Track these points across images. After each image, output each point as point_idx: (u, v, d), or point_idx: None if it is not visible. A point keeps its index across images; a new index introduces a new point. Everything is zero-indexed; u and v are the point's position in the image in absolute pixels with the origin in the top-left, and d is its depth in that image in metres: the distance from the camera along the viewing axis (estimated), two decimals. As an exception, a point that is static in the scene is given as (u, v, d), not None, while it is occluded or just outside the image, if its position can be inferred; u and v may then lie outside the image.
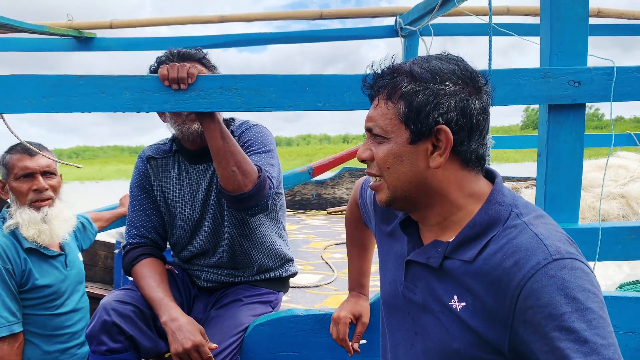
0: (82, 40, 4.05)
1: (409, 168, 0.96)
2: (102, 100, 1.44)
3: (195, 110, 1.50)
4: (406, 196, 0.99)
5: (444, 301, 0.96)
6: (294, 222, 4.19)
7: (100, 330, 1.62)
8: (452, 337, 0.94)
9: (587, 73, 1.50)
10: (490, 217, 0.94)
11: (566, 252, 0.84)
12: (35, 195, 2.02)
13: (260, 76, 1.48)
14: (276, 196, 2.02)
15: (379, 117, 0.98)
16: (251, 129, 1.90)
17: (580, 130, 1.56)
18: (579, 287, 0.80)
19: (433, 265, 0.98)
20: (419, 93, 0.93)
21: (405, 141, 0.95)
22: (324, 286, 2.57)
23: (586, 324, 0.78)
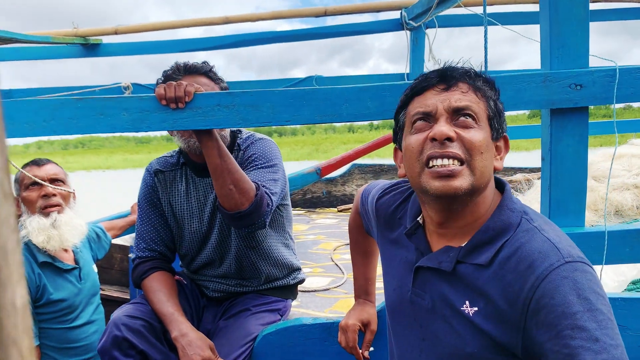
0: (89, 47, 4.08)
1: (491, 161, 0.99)
2: (101, 121, 1.46)
3: (193, 129, 1.51)
4: (481, 188, 0.97)
5: (456, 306, 0.98)
6: (304, 221, 4.20)
7: (112, 345, 1.65)
8: (464, 342, 0.96)
9: (589, 75, 1.47)
10: (503, 222, 0.97)
11: (577, 257, 0.88)
12: (43, 201, 2.05)
13: (257, 92, 1.48)
14: (282, 207, 2.02)
15: (473, 103, 0.98)
16: (256, 143, 1.90)
17: (583, 134, 1.53)
18: (590, 289, 0.83)
19: (446, 270, 1.00)
20: (498, 101, 1.03)
21: (490, 135, 0.99)
22: (334, 289, 2.58)
23: (597, 324, 0.81)
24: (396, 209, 1.21)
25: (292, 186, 3.36)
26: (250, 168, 1.82)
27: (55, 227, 2.03)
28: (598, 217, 3.09)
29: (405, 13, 4.04)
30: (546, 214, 1.61)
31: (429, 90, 1.01)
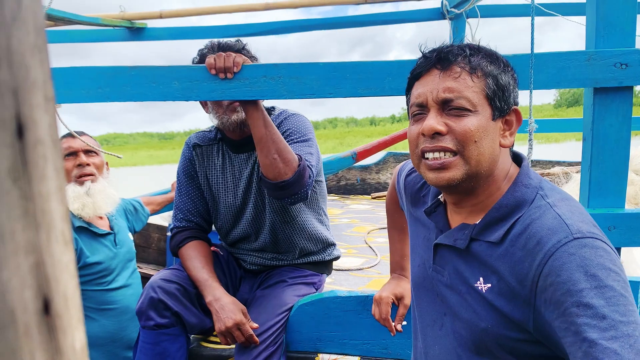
0: (134, 31, 4.19)
1: (490, 144, 0.96)
2: (153, 89, 1.52)
3: (240, 99, 1.56)
4: (481, 173, 0.97)
5: (470, 283, 0.98)
6: (338, 206, 4.24)
7: (148, 306, 1.73)
8: (479, 317, 0.96)
9: (635, 55, 1.47)
10: (516, 199, 0.96)
11: (588, 232, 0.85)
12: (78, 170, 2.15)
13: (302, 64, 1.52)
14: (316, 184, 2.06)
15: (465, 89, 0.96)
16: (290, 118, 1.95)
17: (627, 114, 1.52)
18: (599, 265, 0.80)
19: (460, 247, 1.00)
20: (502, 74, 0.98)
21: (489, 116, 0.96)
22: (367, 269, 2.61)
23: (605, 300, 0.77)
24: (421, 188, 1.23)
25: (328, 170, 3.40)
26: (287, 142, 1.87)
27: (89, 195, 2.12)
28: (638, 211, 3.04)
29: (446, 2, 4.03)
30: (585, 195, 1.61)
31: (426, 75, 1.00)
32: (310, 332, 1.86)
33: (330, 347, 1.86)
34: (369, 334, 1.83)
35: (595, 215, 1.56)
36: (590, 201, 1.59)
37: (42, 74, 0.29)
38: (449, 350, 1.05)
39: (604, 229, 1.56)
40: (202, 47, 1.85)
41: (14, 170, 0.26)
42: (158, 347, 1.77)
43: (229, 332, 1.67)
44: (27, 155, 0.27)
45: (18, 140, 0.27)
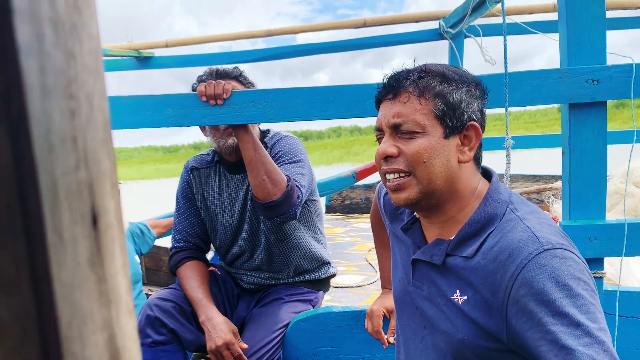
0: (142, 60, 4.34)
1: (443, 162, 1.00)
2: (148, 117, 1.62)
3: (230, 123, 1.64)
4: (437, 191, 1.01)
5: (447, 295, 1.01)
6: (342, 225, 4.29)
7: (145, 324, 1.80)
8: (456, 329, 0.99)
9: (605, 71, 1.52)
10: (487, 214, 1.00)
11: (557, 243, 0.89)
12: None
13: (288, 90, 1.60)
14: (310, 203, 2.13)
15: (412, 113, 1.00)
16: (282, 140, 2.03)
17: (602, 127, 1.57)
18: (569, 275, 0.84)
19: (436, 263, 1.04)
20: (454, 92, 1.00)
21: (441, 135, 1.00)
22: (366, 286, 2.66)
23: (577, 309, 0.81)
24: (398, 206, 1.29)
25: (329, 189, 3.46)
26: (278, 164, 1.94)
27: None
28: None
29: (443, 23, 4.11)
30: (566, 207, 1.65)
31: (383, 102, 1.07)
32: (306, 348, 1.91)
33: (326, 362, 1.91)
34: (364, 349, 1.87)
35: (576, 227, 1.60)
36: (571, 213, 1.63)
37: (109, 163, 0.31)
38: None
39: (584, 240, 1.60)
40: (201, 74, 1.95)
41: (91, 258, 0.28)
42: None
43: (219, 351, 1.73)
44: (100, 242, 0.29)
45: (93, 230, 0.29)
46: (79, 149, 0.28)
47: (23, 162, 0.24)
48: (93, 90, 0.29)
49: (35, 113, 0.24)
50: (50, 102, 0.25)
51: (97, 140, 0.29)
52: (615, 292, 1.64)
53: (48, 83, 0.25)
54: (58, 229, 0.25)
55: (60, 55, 0.26)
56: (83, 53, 0.28)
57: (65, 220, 0.26)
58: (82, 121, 0.28)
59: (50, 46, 0.25)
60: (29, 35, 0.24)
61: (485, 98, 1.07)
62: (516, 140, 4.72)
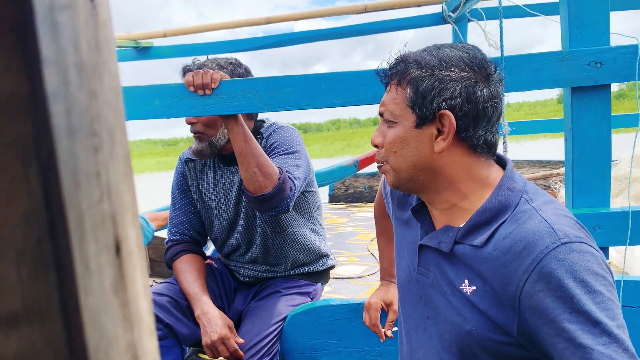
0: (141, 50, 4.30)
1: (414, 152, 0.98)
2: (136, 108, 1.57)
3: (219, 114, 1.60)
4: (412, 179, 1.01)
5: (456, 285, 0.98)
6: (344, 214, 4.25)
7: None
8: (463, 320, 0.96)
9: (609, 53, 1.46)
10: (500, 203, 0.96)
11: (575, 236, 0.85)
12: None
13: (278, 78, 1.55)
14: (308, 194, 2.09)
15: (390, 102, 1.01)
16: (278, 131, 1.98)
17: (606, 111, 1.51)
18: (587, 270, 0.81)
19: (444, 250, 1.01)
20: (425, 78, 0.96)
21: (412, 125, 0.98)
22: (367, 277, 2.62)
23: (596, 305, 0.79)
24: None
25: (330, 179, 3.42)
26: (273, 155, 1.90)
27: None
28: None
29: (445, 6, 4.03)
30: (569, 194, 1.60)
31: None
32: (304, 342, 1.88)
33: (324, 356, 1.88)
34: (363, 342, 1.84)
35: (580, 215, 1.55)
36: (574, 201, 1.58)
37: (130, 195, 0.32)
38: (432, 354, 1.05)
39: (589, 228, 1.55)
40: (185, 65, 1.90)
41: (115, 284, 0.30)
42: None
43: (214, 346, 1.70)
44: (123, 269, 0.31)
45: (117, 258, 0.30)
46: (102, 183, 0.29)
47: (53, 199, 0.26)
48: (114, 126, 0.31)
49: (63, 153, 0.26)
50: (76, 141, 0.27)
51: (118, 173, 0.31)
52: (619, 282, 1.58)
53: (73, 123, 0.27)
54: (85, 259, 0.27)
55: (84, 96, 0.28)
56: (104, 91, 0.30)
57: (91, 251, 0.28)
58: (105, 156, 0.29)
59: (75, 89, 0.27)
60: (56, 81, 0.25)
61: (488, 81, 0.97)
62: (519, 126, 4.67)
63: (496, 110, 0.98)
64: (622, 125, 4.08)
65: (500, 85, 0.99)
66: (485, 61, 0.98)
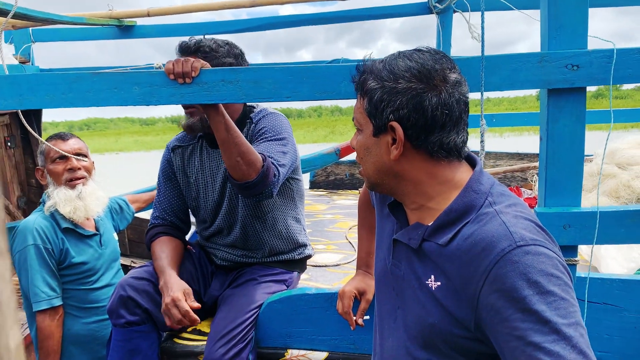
0: (123, 29, 4.23)
1: (375, 159, 1.06)
2: (115, 95, 1.56)
3: (199, 103, 1.59)
4: (379, 183, 1.09)
5: (422, 279, 1.03)
6: (324, 202, 4.27)
7: (118, 304, 1.78)
8: (427, 313, 1.01)
9: (585, 56, 1.48)
10: (465, 204, 0.99)
11: (530, 239, 0.89)
12: (69, 174, 2.20)
13: (260, 69, 1.55)
14: (292, 181, 2.10)
15: (356, 110, 1.09)
16: (267, 117, 1.99)
17: (580, 114, 1.54)
18: (540, 272, 0.85)
19: (413, 246, 1.05)
20: (377, 90, 1.01)
21: (371, 133, 1.05)
22: (344, 265, 2.65)
23: (547, 305, 0.83)
24: None
25: (311, 166, 3.43)
26: (260, 140, 1.91)
27: (80, 199, 2.18)
28: (619, 205, 3.05)
29: (432, -4, 4.03)
30: (542, 194, 1.63)
31: None
32: (279, 329, 1.90)
33: (299, 343, 1.91)
34: (337, 330, 1.87)
35: (551, 215, 1.58)
36: (546, 200, 1.61)
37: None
38: (399, 344, 1.10)
39: (559, 227, 1.59)
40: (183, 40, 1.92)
41: None
42: (130, 344, 1.82)
43: (168, 309, 1.69)
44: None
45: None
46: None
47: None
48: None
49: None
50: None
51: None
52: (585, 279, 1.63)
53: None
54: None
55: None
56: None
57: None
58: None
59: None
60: None
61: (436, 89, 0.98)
62: (501, 119, 4.71)
63: (450, 116, 0.99)
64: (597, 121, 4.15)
65: (457, 89, 1.00)
66: (436, 70, 0.99)
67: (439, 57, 1.02)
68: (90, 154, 2.35)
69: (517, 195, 1.64)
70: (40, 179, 2.27)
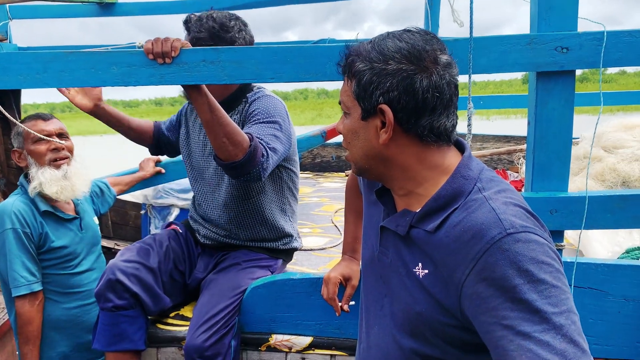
0: (104, 6, 4.12)
1: (363, 143, 1.02)
2: (92, 75, 1.50)
3: (179, 84, 1.54)
4: (367, 168, 1.05)
5: (410, 267, 1.01)
6: (310, 184, 4.24)
7: (106, 288, 1.75)
8: (415, 301, 0.99)
9: (575, 39, 1.46)
10: (453, 190, 0.97)
11: (520, 226, 0.87)
12: (53, 154, 2.14)
13: (242, 48, 1.50)
14: (283, 170, 2.05)
15: (343, 93, 1.04)
16: (262, 99, 1.94)
17: (569, 98, 1.52)
18: (531, 260, 0.83)
19: (400, 233, 1.03)
20: (366, 72, 0.96)
21: (359, 117, 1.00)
22: (330, 249, 2.64)
23: (538, 294, 0.81)
24: None
25: (297, 148, 3.38)
26: (252, 122, 1.86)
27: (67, 178, 2.12)
28: (604, 188, 3.06)
29: (420, -24, 3.96)
30: (529, 178, 1.62)
31: None
32: (264, 314, 1.89)
33: (283, 328, 1.89)
34: (322, 315, 1.86)
35: (538, 199, 1.57)
36: (533, 185, 1.60)
37: None
38: (386, 331, 1.09)
39: (546, 212, 1.57)
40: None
41: None
42: (116, 328, 1.79)
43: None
44: None
45: None
46: None
47: None
48: None
49: None
50: None
51: None
52: (572, 264, 1.63)
53: None
54: None
55: None
56: None
57: None
58: None
59: None
60: None
61: (427, 71, 0.94)
62: (487, 101, 4.69)
63: (440, 99, 0.96)
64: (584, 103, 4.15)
65: (447, 71, 0.97)
66: (426, 50, 0.95)
67: (429, 37, 0.98)
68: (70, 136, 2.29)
69: (503, 178, 1.62)
70: (17, 161, 2.20)
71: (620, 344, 1.70)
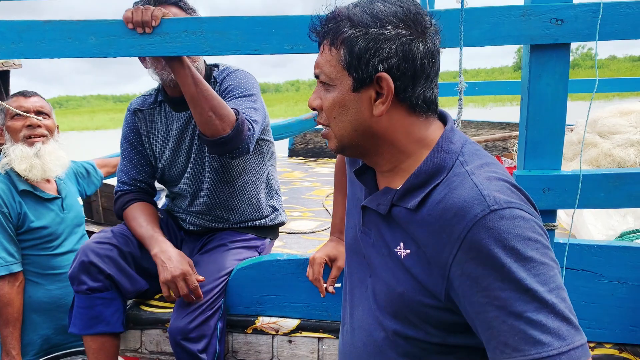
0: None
1: (354, 117, 0.94)
2: (69, 45, 1.45)
3: (161, 55, 1.49)
4: (353, 144, 0.98)
5: (391, 247, 0.97)
6: (302, 169, 4.19)
7: (80, 270, 1.69)
8: (397, 282, 0.96)
9: (571, 10, 1.41)
10: (435, 165, 0.93)
11: (504, 202, 0.83)
12: (28, 131, 2.08)
13: (226, 18, 1.44)
14: (262, 142, 2.02)
15: (324, 64, 0.95)
16: (233, 74, 1.90)
17: (564, 72, 1.47)
18: (518, 237, 0.80)
19: (381, 212, 0.99)
20: (359, 38, 0.89)
21: (349, 89, 0.93)
22: (320, 232, 2.60)
23: (527, 272, 0.78)
24: None
25: (289, 132, 3.35)
26: (228, 98, 1.82)
27: (38, 157, 2.06)
28: (599, 174, 3.02)
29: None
30: (522, 156, 1.57)
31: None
32: (250, 296, 1.85)
33: (270, 310, 1.85)
34: (309, 297, 1.82)
35: (530, 177, 1.53)
36: (526, 162, 1.55)
37: None
38: (369, 312, 1.06)
39: (538, 191, 1.53)
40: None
41: None
42: (92, 311, 1.74)
43: (174, 282, 1.66)
44: None
45: None
46: None
47: None
48: None
49: None
50: None
51: None
52: (564, 245, 1.59)
53: None
54: None
55: None
56: None
57: None
58: None
59: None
60: None
61: (424, 36, 0.91)
62: (482, 87, 4.65)
63: (434, 65, 0.93)
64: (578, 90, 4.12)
65: (437, 37, 0.94)
66: (420, 15, 0.91)
67: (415, 1, 0.94)
68: (54, 116, 2.23)
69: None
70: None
71: (613, 327, 1.67)
